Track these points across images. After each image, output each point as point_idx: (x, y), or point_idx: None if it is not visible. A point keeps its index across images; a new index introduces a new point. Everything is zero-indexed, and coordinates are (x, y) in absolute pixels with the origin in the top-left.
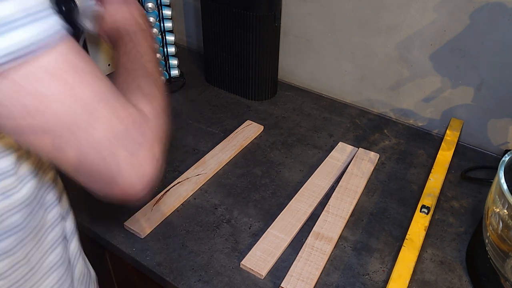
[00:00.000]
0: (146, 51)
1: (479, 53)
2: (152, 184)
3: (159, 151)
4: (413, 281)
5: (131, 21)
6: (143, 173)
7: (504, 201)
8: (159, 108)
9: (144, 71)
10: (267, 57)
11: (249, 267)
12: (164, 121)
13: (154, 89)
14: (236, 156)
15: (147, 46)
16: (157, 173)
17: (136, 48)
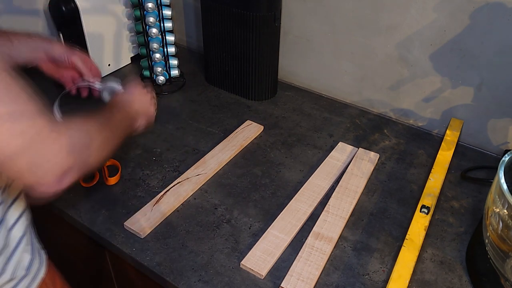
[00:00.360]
0: (124, 128)
1: (479, 53)
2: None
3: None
4: (413, 281)
5: (134, 108)
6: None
7: (504, 201)
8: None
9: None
10: (267, 57)
11: (249, 267)
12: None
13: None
14: (236, 156)
15: (126, 129)
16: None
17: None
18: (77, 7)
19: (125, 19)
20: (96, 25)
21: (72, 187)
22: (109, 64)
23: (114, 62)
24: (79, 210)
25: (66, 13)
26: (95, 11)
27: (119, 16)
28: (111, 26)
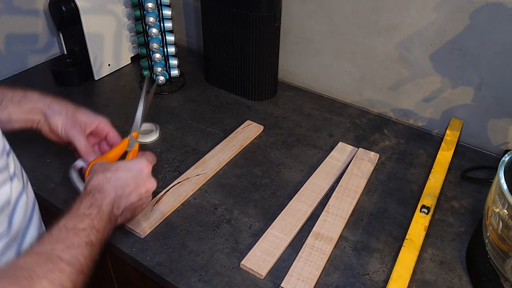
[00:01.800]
0: (93, 244)
1: (479, 53)
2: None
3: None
4: (413, 281)
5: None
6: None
7: (504, 201)
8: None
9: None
10: (267, 57)
11: (249, 267)
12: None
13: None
14: (236, 156)
15: (98, 241)
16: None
17: (90, 229)
18: (77, 7)
19: (125, 19)
20: (96, 25)
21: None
22: (109, 64)
23: (114, 62)
24: None
25: (66, 13)
26: (95, 11)
27: (119, 16)
28: (111, 26)
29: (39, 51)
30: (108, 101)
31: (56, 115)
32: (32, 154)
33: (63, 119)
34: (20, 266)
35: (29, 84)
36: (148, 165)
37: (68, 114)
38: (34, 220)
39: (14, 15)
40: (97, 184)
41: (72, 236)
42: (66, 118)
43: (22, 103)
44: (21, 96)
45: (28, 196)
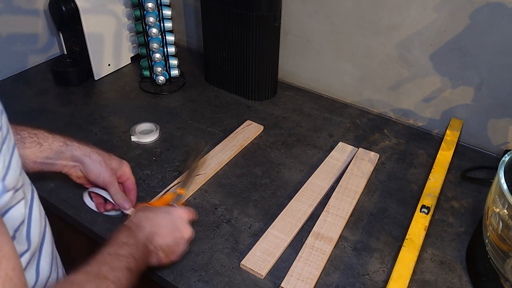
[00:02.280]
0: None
1: (479, 53)
2: None
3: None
4: (413, 281)
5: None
6: None
7: (504, 201)
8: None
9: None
10: (267, 57)
11: (249, 267)
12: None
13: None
14: (236, 156)
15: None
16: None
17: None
18: (77, 7)
19: (125, 19)
20: (96, 25)
21: (71, 187)
22: (109, 64)
23: (114, 62)
24: (79, 210)
25: (66, 13)
26: (95, 11)
27: (119, 16)
28: (111, 26)
29: (39, 51)
30: (108, 101)
31: (96, 164)
32: None
33: (103, 169)
34: (72, 282)
35: (29, 84)
36: (188, 214)
37: (106, 163)
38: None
39: (14, 15)
40: (137, 220)
41: (114, 260)
42: (106, 168)
43: (61, 150)
44: (61, 143)
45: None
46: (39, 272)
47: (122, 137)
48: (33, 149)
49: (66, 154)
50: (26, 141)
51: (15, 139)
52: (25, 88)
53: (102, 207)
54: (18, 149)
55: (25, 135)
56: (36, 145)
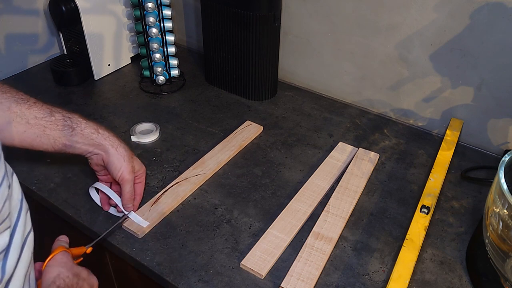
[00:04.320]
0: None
1: (479, 53)
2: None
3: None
4: (413, 281)
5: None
6: None
7: (504, 201)
8: None
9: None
10: (267, 57)
11: (249, 267)
12: None
13: None
14: (236, 156)
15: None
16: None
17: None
18: (77, 7)
19: (125, 19)
20: (96, 25)
21: (71, 187)
22: (109, 64)
23: (114, 62)
24: (79, 210)
25: (66, 13)
26: (95, 11)
27: (119, 16)
28: (111, 26)
29: (39, 51)
30: (108, 101)
31: (120, 158)
32: (31, 154)
33: (125, 165)
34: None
35: (29, 84)
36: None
37: (129, 160)
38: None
39: (14, 15)
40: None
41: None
42: (128, 165)
43: (92, 137)
44: (93, 129)
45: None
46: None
47: (122, 137)
48: (65, 132)
49: (95, 141)
50: (59, 124)
51: (48, 121)
52: (25, 88)
53: (106, 205)
54: (51, 131)
55: (59, 118)
56: (69, 128)
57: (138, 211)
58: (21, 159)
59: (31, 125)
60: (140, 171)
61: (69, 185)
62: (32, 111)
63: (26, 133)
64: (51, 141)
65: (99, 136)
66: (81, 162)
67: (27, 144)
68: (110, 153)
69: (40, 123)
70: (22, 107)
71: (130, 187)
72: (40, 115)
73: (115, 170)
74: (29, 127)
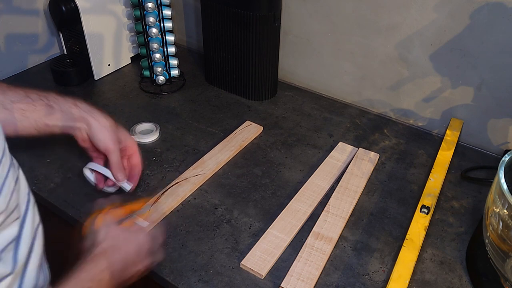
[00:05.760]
0: None
1: (479, 53)
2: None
3: None
4: (413, 281)
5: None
6: None
7: (504, 201)
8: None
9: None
10: (267, 57)
11: (249, 267)
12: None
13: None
14: (236, 156)
15: None
16: None
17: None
18: (77, 7)
19: (125, 19)
20: (96, 25)
21: (71, 187)
22: (109, 64)
23: (114, 62)
24: (79, 210)
25: (66, 13)
26: (95, 11)
27: (119, 16)
28: (111, 26)
29: (39, 51)
30: (108, 101)
31: (103, 128)
32: (32, 154)
33: (108, 135)
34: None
35: (29, 84)
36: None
37: (112, 129)
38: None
39: (14, 15)
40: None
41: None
42: (111, 135)
43: (72, 112)
44: (71, 104)
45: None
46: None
47: None
48: (44, 111)
49: (75, 116)
50: (37, 104)
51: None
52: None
53: (102, 183)
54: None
55: (35, 98)
56: (47, 107)
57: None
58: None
59: (9, 110)
60: (128, 141)
61: (69, 185)
62: (7, 96)
63: (6, 120)
64: (32, 123)
65: (79, 110)
66: (81, 162)
67: (11, 131)
68: (92, 125)
69: (18, 107)
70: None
71: (116, 156)
72: (15, 98)
73: (98, 141)
74: (7, 113)
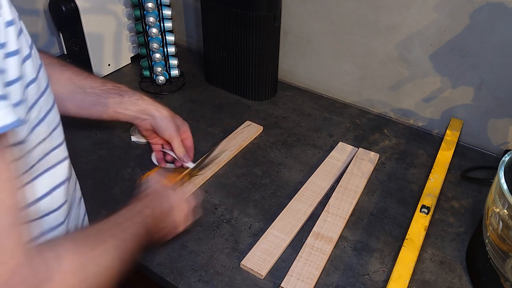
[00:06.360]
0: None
1: (479, 53)
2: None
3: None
4: (413, 281)
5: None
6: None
7: (504, 201)
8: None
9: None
10: (267, 57)
11: (249, 267)
12: None
13: (111, 261)
14: (236, 156)
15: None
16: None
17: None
18: (77, 7)
19: (125, 19)
20: (96, 25)
21: None
22: (109, 64)
23: (114, 62)
24: None
25: (66, 13)
26: (95, 11)
27: (119, 16)
28: (111, 26)
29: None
30: None
31: (164, 119)
32: None
33: (170, 124)
34: (90, 230)
35: None
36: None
37: (172, 119)
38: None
39: None
40: (157, 193)
41: (129, 224)
42: (172, 124)
43: (138, 103)
44: (138, 96)
45: (72, 171)
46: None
47: (122, 137)
48: (116, 99)
49: (141, 107)
50: (111, 92)
51: (102, 89)
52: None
53: (163, 161)
54: (104, 99)
55: (110, 87)
56: (118, 96)
57: None
58: None
59: (88, 94)
60: (184, 127)
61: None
62: (88, 81)
63: (83, 101)
64: (104, 108)
65: (144, 102)
66: (81, 162)
67: (85, 112)
68: (156, 117)
69: (95, 92)
70: (79, 78)
71: (178, 142)
72: (94, 84)
73: (163, 130)
74: (86, 96)
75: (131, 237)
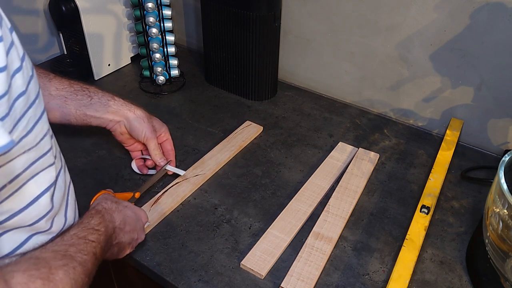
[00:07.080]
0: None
1: (479, 53)
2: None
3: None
4: (413, 281)
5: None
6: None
7: (504, 201)
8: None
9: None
10: (267, 57)
11: (249, 267)
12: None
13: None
14: (236, 156)
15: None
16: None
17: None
18: (77, 7)
19: (125, 19)
20: (96, 25)
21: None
22: (109, 64)
23: (114, 62)
24: (79, 210)
25: (66, 13)
26: (95, 11)
27: (119, 16)
28: (111, 26)
29: (39, 51)
30: None
31: (140, 120)
32: None
33: (145, 125)
34: (38, 258)
35: None
36: (146, 218)
37: (148, 120)
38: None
39: (14, 15)
40: (109, 208)
41: (83, 244)
42: (148, 125)
43: (109, 104)
44: (109, 97)
45: (65, 176)
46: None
47: None
48: (84, 101)
49: (113, 108)
50: (78, 94)
51: (68, 91)
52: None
53: (144, 168)
54: (71, 101)
55: (78, 88)
56: (87, 98)
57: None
58: None
59: (53, 96)
60: (162, 129)
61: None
62: (53, 83)
63: (49, 104)
64: (72, 111)
65: (116, 103)
66: (81, 163)
67: (52, 116)
68: (130, 118)
69: (61, 94)
70: (43, 79)
71: (154, 144)
72: (60, 86)
73: (138, 132)
74: (51, 98)
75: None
